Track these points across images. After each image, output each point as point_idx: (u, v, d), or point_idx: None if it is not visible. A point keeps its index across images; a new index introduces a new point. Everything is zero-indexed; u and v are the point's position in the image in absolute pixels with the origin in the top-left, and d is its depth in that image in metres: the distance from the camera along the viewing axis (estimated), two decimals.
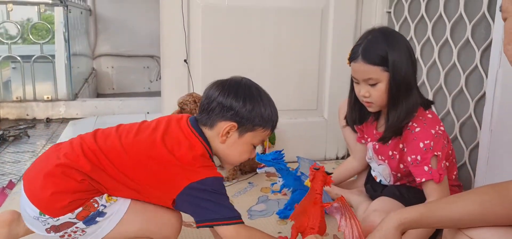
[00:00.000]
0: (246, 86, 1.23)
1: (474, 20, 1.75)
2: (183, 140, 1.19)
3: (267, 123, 1.23)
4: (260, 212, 1.77)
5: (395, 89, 1.40)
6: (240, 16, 2.27)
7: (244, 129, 1.21)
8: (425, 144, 1.38)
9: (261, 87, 1.27)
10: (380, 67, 1.40)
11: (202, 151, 1.19)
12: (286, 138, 2.39)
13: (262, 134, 1.25)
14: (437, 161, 1.39)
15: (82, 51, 4.96)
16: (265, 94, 1.27)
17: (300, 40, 2.36)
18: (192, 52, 2.24)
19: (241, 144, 1.23)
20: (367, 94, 1.45)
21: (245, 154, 1.26)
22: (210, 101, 1.21)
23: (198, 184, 1.15)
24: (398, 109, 1.42)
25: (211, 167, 1.20)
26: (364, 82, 1.45)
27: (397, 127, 1.45)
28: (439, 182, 1.38)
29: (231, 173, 2.12)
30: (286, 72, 2.38)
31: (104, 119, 3.74)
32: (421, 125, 1.41)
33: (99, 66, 5.51)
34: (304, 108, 2.47)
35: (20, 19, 4.57)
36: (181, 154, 1.16)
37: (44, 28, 4.18)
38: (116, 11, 5.48)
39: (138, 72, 5.65)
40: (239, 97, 1.20)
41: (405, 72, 1.40)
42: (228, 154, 1.25)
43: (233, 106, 1.19)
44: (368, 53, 1.41)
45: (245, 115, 1.19)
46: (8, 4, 3.93)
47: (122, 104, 3.99)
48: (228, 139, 1.22)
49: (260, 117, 1.21)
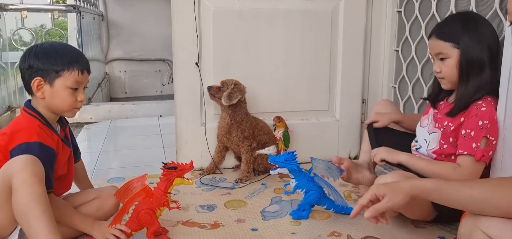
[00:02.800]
0: (39, 45, 1.43)
1: (486, 17, 1.73)
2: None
3: (69, 64, 1.40)
4: (273, 213, 1.78)
5: (465, 67, 1.48)
6: (250, 19, 2.28)
7: (50, 78, 1.39)
8: (483, 123, 1.44)
9: (58, 42, 1.49)
10: (450, 43, 1.50)
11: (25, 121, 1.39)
12: (298, 139, 2.40)
13: (72, 76, 1.41)
14: (487, 144, 1.44)
15: (95, 56, 5.03)
16: (61, 45, 1.48)
17: (310, 42, 2.37)
18: (204, 56, 2.26)
19: (57, 91, 1.41)
20: (439, 70, 1.55)
21: (68, 98, 1.42)
22: (21, 73, 1.42)
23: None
24: (469, 85, 1.49)
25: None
26: (436, 57, 1.55)
27: (466, 101, 1.50)
28: (478, 160, 1.44)
29: (244, 175, 2.13)
30: (296, 74, 2.38)
31: (118, 123, 3.78)
32: (489, 106, 1.46)
33: (111, 70, 5.58)
34: (316, 109, 2.47)
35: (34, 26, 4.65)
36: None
37: (58, 34, 4.25)
38: (128, 16, 5.54)
39: (150, 76, 5.70)
40: (33, 56, 1.39)
41: (478, 54, 1.47)
42: (54, 105, 1.42)
43: (31, 64, 1.39)
44: (441, 30, 1.54)
45: (43, 67, 1.39)
46: (22, 11, 4.00)
47: (135, 108, 4.03)
48: (44, 92, 1.40)
49: (59, 63, 1.39)
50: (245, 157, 2.15)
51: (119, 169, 2.49)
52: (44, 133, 1.39)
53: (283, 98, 2.40)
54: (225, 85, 2.12)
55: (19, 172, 1.22)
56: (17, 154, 1.29)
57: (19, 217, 1.24)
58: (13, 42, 4.11)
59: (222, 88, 2.12)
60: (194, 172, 2.25)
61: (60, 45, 1.48)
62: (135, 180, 1.47)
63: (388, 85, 2.47)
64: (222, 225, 1.66)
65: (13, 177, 1.22)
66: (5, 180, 1.24)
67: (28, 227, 1.23)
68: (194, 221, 1.69)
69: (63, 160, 1.48)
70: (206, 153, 2.29)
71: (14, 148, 1.32)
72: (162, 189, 1.47)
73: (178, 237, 1.56)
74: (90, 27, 4.75)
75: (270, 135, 2.26)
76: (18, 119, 1.42)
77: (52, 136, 1.42)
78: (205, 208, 1.83)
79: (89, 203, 1.58)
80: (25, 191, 1.21)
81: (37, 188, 1.22)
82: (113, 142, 3.15)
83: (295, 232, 1.60)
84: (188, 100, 2.27)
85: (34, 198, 1.21)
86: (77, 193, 1.65)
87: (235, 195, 1.97)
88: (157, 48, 5.54)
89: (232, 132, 2.14)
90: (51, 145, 1.39)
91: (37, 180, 1.23)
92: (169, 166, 1.47)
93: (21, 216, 1.23)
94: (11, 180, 1.22)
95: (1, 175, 1.26)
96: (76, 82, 1.43)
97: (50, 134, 1.42)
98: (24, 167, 1.22)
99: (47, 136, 1.40)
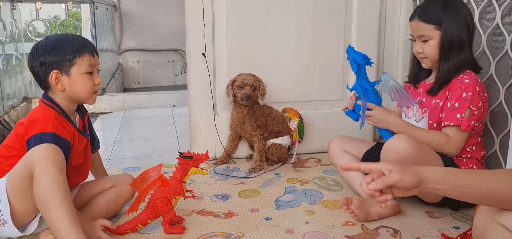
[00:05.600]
0: (44, 41, 1.44)
1: (504, 5, 1.71)
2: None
3: (79, 51, 1.42)
4: (287, 202, 1.79)
5: (447, 47, 1.56)
6: (263, 9, 2.28)
7: (66, 68, 1.41)
8: (467, 94, 1.53)
9: (60, 33, 1.53)
10: (432, 25, 1.57)
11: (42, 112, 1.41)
12: (313, 129, 2.40)
13: (84, 61, 1.43)
14: (470, 114, 1.53)
15: (109, 47, 5.06)
16: (64, 36, 1.51)
17: (323, 31, 2.35)
18: (217, 47, 2.26)
19: (75, 79, 1.43)
20: (420, 50, 1.63)
21: (87, 83, 1.45)
22: (33, 72, 1.44)
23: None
24: (449, 63, 1.58)
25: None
26: (418, 38, 1.63)
27: (446, 78, 1.59)
28: (464, 130, 1.54)
29: (257, 164, 2.14)
30: (309, 64, 2.38)
31: (132, 113, 3.82)
32: (471, 78, 1.56)
33: (125, 61, 5.61)
34: (329, 98, 2.46)
35: (47, 17, 4.69)
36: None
37: (72, 25, 4.29)
38: (140, 7, 5.56)
39: (163, 66, 5.72)
40: (41, 52, 1.41)
41: (458, 34, 1.56)
42: (74, 93, 1.45)
43: (43, 61, 1.41)
44: (423, 12, 1.60)
45: (56, 60, 1.40)
46: (37, 3, 4.04)
47: (149, 98, 4.06)
48: (63, 84, 1.42)
49: (69, 52, 1.41)
50: (257, 146, 2.16)
51: (134, 158, 2.52)
52: (59, 124, 1.41)
53: (296, 88, 2.40)
54: (256, 84, 2.11)
55: (40, 161, 1.24)
56: (33, 143, 1.32)
57: (39, 204, 1.27)
58: (28, 33, 4.16)
59: (255, 90, 2.11)
60: (208, 162, 2.27)
61: (64, 35, 1.52)
62: (151, 169, 1.49)
63: (402, 75, 2.45)
64: (236, 214, 1.68)
65: (35, 165, 1.24)
66: (27, 168, 1.27)
67: (48, 213, 1.26)
68: (209, 210, 1.71)
69: (78, 150, 1.50)
70: (220, 143, 2.30)
71: (30, 137, 1.35)
72: (178, 178, 1.48)
73: (193, 225, 1.58)
74: (104, 18, 4.78)
75: (284, 124, 2.27)
76: (36, 110, 1.45)
77: (68, 127, 1.44)
78: (219, 197, 1.84)
79: (107, 191, 1.60)
80: (46, 179, 1.23)
81: (57, 176, 1.25)
82: (127, 132, 3.18)
83: (309, 221, 1.61)
84: (202, 90, 2.28)
85: (54, 186, 1.24)
86: (94, 181, 1.68)
87: (249, 185, 1.98)
88: (170, 38, 5.55)
89: (246, 122, 2.15)
90: (66, 136, 1.41)
91: (57, 168, 1.25)
92: (185, 155, 1.48)
93: (42, 204, 1.26)
94: (32, 168, 1.25)
95: (23, 163, 1.29)
96: (90, 66, 1.45)
97: (66, 125, 1.44)
98: (45, 156, 1.25)
99: (63, 127, 1.42)
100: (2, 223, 1.33)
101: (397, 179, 0.98)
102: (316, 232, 1.53)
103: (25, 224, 1.38)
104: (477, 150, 1.64)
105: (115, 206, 1.61)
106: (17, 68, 3.66)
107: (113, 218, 1.62)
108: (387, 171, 1.00)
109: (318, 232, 1.53)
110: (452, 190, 1.01)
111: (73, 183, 1.52)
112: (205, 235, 1.51)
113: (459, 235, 1.45)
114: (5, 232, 1.37)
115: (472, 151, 1.63)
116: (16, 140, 1.40)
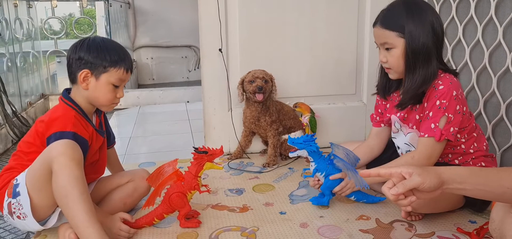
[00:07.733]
0: (91, 39, 1.48)
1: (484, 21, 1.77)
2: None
3: (116, 63, 1.45)
4: (301, 197, 1.79)
5: (412, 56, 1.43)
6: (276, 3, 2.28)
7: (98, 71, 1.44)
8: (441, 102, 1.42)
9: (108, 39, 1.53)
10: (395, 32, 1.44)
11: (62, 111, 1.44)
12: (326, 123, 2.40)
13: (117, 73, 1.46)
14: (446, 122, 1.42)
15: (123, 44, 5.08)
16: (110, 42, 1.52)
17: (336, 26, 2.35)
18: (230, 42, 2.27)
19: (101, 85, 1.46)
20: (385, 60, 1.50)
21: (109, 94, 1.48)
22: (69, 62, 1.47)
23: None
24: (415, 75, 1.45)
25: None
26: (382, 46, 1.50)
27: (413, 93, 1.47)
28: (438, 140, 1.43)
29: (271, 159, 2.15)
30: (322, 59, 2.38)
31: (146, 109, 3.85)
32: (446, 83, 1.43)
33: (139, 57, 5.65)
34: (342, 93, 2.46)
35: (63, 15, 4.74)
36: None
37: (87, 23, 4.34)
38: (154, 3, 5.58)
39: (177, 62, 5.75)
40: (84, 48, 1.44)
41: (424, 42, 1.42)
42: (94, 97, 1.48)
43: (82, 56, 1.44)
44: (386, 19, 1.47)
45: (93, 61, 1.44)
46: (52, 1, 4.09)
47: (163, 94, 4.09)
48: (89, 84, 1.45)
49: (107, 60, 1.44)
50: (271, 141, 2.17)
51: (149, 154, 2.55)
52: (79, 123, 1.43)
53: (309, 83, 2.40)
54: (267, 77, 2.12)
55: (58, 156, 1.27)
56: (53, 141, 1.34)
57: (58, 199, 1.30)
58: (44, 31, 4.22)
59: (266, 82, 2.11)
60: (222, 157, 2.29)
61: (111, 42, 1.52)
62: (166, 164, 1.51)
63: None
64: (251, 209, 1.69)
65: (53, 161, 1.27)
66: (46, 164, 1.30)
67: (67, 208, 1.28)
68: (224, 205, 1.73)
69: (95, 148, 1.53)
70: (234, 138, 2.32)
71: (50, 135, 1.38)
72: (193, 172, 1.50)
73: (209, 220, 1.60)
74: (118, 15, 4.83)
75: (296, 119, 2.27)
76: (56, 108, 1.48)
77: (87, 127, 1.47)
78: (234, 191, 1.86)
79: (124, 186, 1.63)
80: (64, 174, 1.26)
81: (75, 171, 1.27)
82: (142, 128, 3.21)
83: (323, 215, 1.62)
84: (216, 86, 2.30)
85: (72, 181, 1.26)
86: (111, 176, 1.71)
87: (263, 179, 1.99)
88: (183, 34, 5.57)
89: (260, 118, 2.16)
90: (84, 135, 1.44)
91: (75, 163, 1.28)
92: (200, 150, 1.50)
93: (60, 198, 1.28)
94: (51, 163, 1.28)
95: (42, 159, 1.32)
96: (120, 80, 1.48)
97: (85, 124, 1.46)
98: (64, 152, 1.28)
99: (82, 126, 1.44)
100: (23, 216, 1.36)
101: (418, 181, 0.95)
102: (330, 226, 1.54)
103: (45, 217, 1.41)
104: (479, 144, 1.54)
105: (132, 200, 1.64)
106: (34, 66, 3.72)
107: (129, 213, 1.64)
108: (407, 174, 0.97)
109: (332, 226, 1.53)
110: (474, 190, 0.98)
111: (90, 179, 1.55)
112: (221, 229, 1.53)
113: (475, 229, 1.44)
114: (26, 225, 1.40)
115: (475, 149, 1.54)
116: (36, 136, 1.43)
